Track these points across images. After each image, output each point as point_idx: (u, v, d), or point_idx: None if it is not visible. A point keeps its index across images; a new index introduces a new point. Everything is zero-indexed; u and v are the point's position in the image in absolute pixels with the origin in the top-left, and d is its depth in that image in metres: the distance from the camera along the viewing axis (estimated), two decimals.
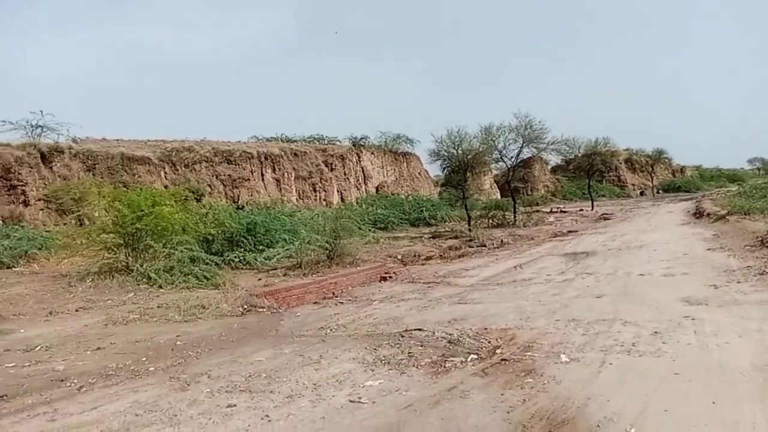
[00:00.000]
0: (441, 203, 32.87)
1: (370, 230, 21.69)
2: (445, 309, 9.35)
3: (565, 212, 36.67)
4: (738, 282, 9.69)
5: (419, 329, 7.62)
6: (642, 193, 62.16)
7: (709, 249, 14.34)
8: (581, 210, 37.61)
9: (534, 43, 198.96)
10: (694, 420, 4.21)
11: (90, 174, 19.33)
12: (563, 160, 54.04)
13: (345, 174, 32.44)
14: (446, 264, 16.17)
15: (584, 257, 15.05)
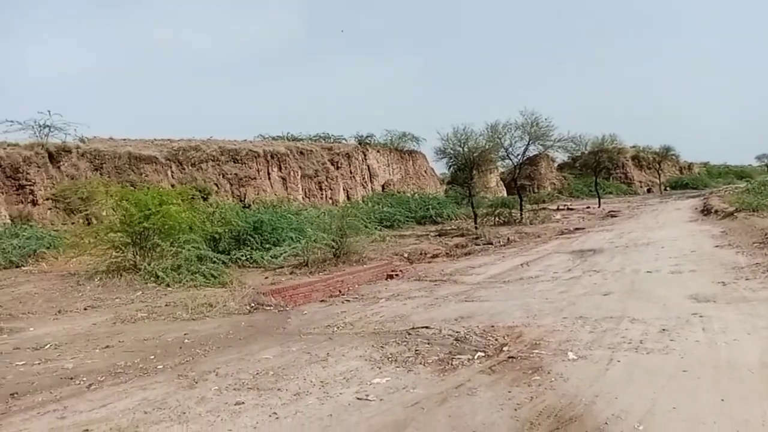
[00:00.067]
0: (447, 201, 32.86)
1: (376, 228, 21.71)
2: (452, 307, 9.35)
3: (572, 210, 36.54)
4: (746, 279, 9.63)
5: (426, 327, 7.62)
6: (649, 191, 61.84)
7: (717, 246, 14.25)
8: (588, 207, 37.49)
9: (537, 42, 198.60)
10: (703, 417, 4.19)
11: (97, 173, 19.43)
12: (570, 158, 53.88)
13: (351, 172, 32.47)
14: (453, 262, 16.16)
15: (591, 255, 15.00)
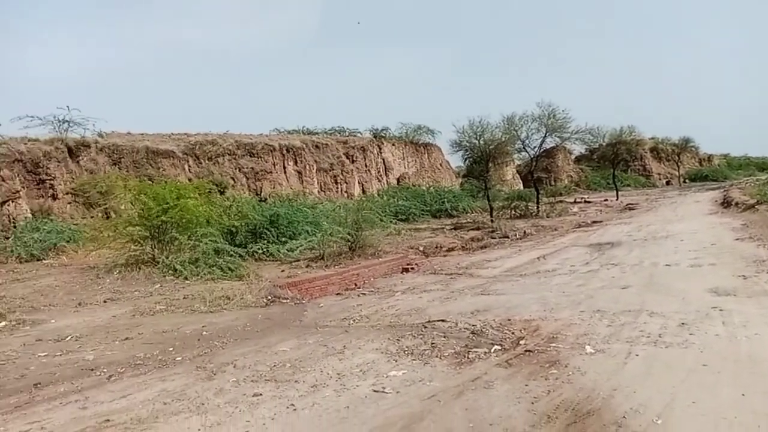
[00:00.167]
0: (463, 194, 32.70)
1: (392, 222, 21.71)
2: (468, 300, 9.33)
3: (589, 202, 36.23)
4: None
5: (442, 320, 7.62)
6: (668, 183, 61.05)
7: (738, 239, 14.04)
8: (606, 200, 37.13)
9: (559, 32, 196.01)
10: (723, 412, 4.14)
11: (116, 168, 19.64)
12: (587, 150, 53.24)
13: (366, 166, 32.46)
14: (468, 255, 16.12)
15: (609, 248, 14.86)
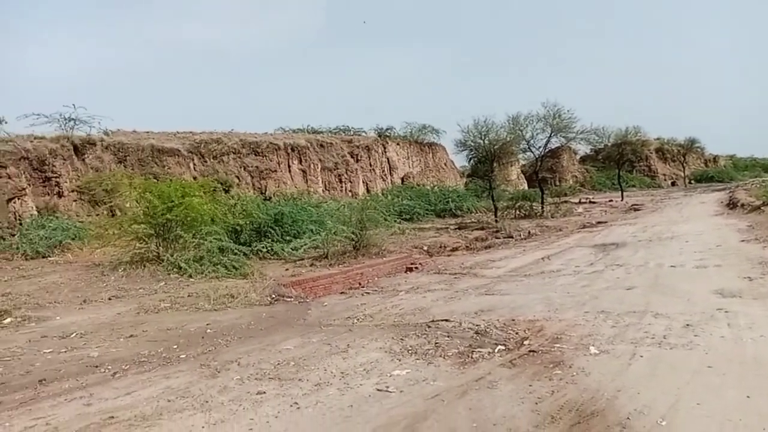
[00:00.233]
0: (467, 194, 32.70)
1: (396, 221, 21.68)
2: (472, 300, 9.32)
3: (594, 203, 36.13)
4: None
5: (446, 320, 7.61)
6: (673, 184, 60.86)
7: (743, 240, 13.99)
8: (611, 201, 37.03)
9: (563, 31, 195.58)
10: (729, 414, 4.12)
11: (121, 165, 19.72)
12: (592, 150, 53.31)
13: (371, 165, 32.47)
14: (472, 255, 16.10)
15: (614, 248, 14.82)
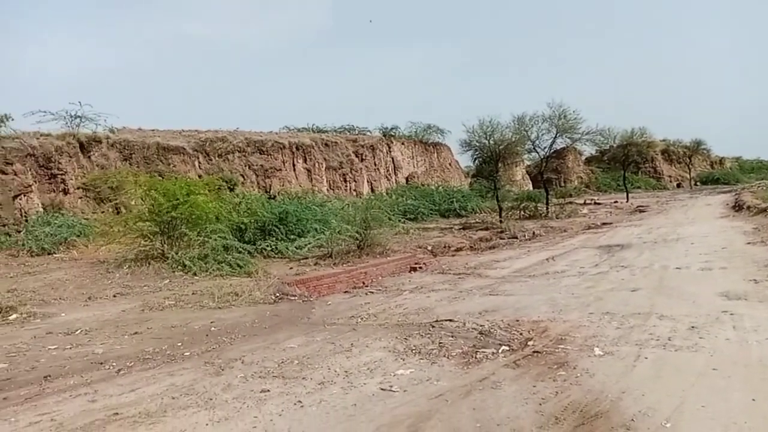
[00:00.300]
0: (472, 194, 32.64)
1: (400, 221, 21.71)
2: (476, 300, 9.31)
3: (599, 204, 36.06)
4: None
5: (450, 320, 7.60)
6: (679, 185, 60.65)
7: (749, 243, 13.92)
8: (616, 202, 36.95)
9: (570, 29, 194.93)
10: (734, 416, 4.11)
11: (127, 163, 19.77)
12: (598, 151, 53.06)
13: (375, 164, 32.46)
14: (477, 255, 16.08)
15: (619, 250, 14.78)
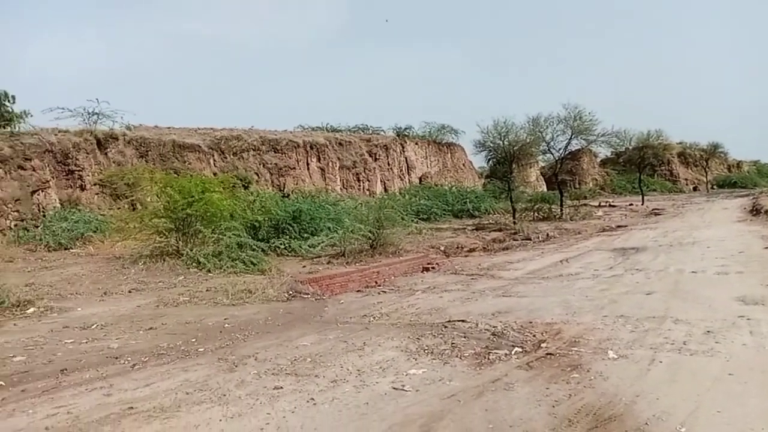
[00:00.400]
0: (485, 195, 32.49)
1: (413, 221, 21.62)
2: (489, 301, 9.28)
3: (614, 206, 35.72)
4: None
5: (462, 320, 7.59)
6: (695, 189, 59.97)
7: (767, 247, 13.74)
8: (631, 204, 36.61)
9: (584, 29, 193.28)
10: (750, 422, 4.06)
11: (143, 160, 19.94)
12: (613, 153, 52.67)
13: (389, 164, 32.47)
14: (490, 256, 16.02)
15: (634, 253, 14.65)
